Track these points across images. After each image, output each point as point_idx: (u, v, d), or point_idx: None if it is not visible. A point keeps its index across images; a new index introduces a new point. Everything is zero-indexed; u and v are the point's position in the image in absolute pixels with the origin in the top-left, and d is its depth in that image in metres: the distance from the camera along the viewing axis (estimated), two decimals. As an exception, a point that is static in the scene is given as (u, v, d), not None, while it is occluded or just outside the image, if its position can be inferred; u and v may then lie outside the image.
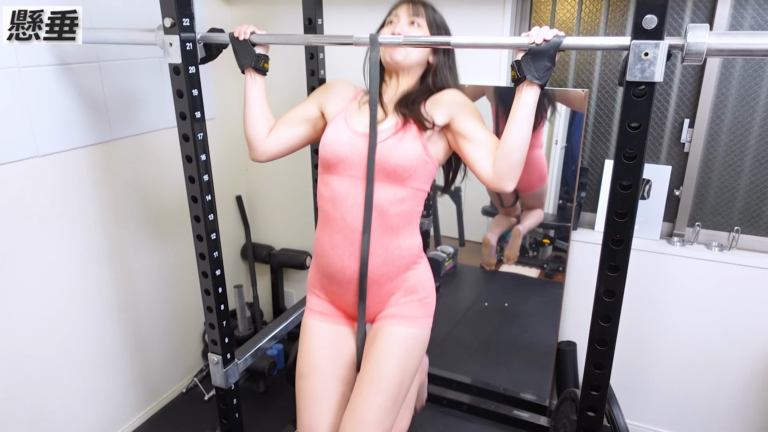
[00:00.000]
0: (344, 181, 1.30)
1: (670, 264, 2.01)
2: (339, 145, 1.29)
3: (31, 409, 1.85)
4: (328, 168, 1.33)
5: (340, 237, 1.32)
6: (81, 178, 1.90)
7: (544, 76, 1.15)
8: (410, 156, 1.26)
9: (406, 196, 1.30)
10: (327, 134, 1.34)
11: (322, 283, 1.43)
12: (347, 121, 1.33)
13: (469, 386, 2.36)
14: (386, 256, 1.32)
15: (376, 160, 1.26)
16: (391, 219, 1.29)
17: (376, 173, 1.27)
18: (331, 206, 1.32)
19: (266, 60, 1.45)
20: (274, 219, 2.77)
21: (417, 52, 1.34)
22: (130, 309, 2.18)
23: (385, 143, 1.27)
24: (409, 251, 1.35)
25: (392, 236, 1.31)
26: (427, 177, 1.33)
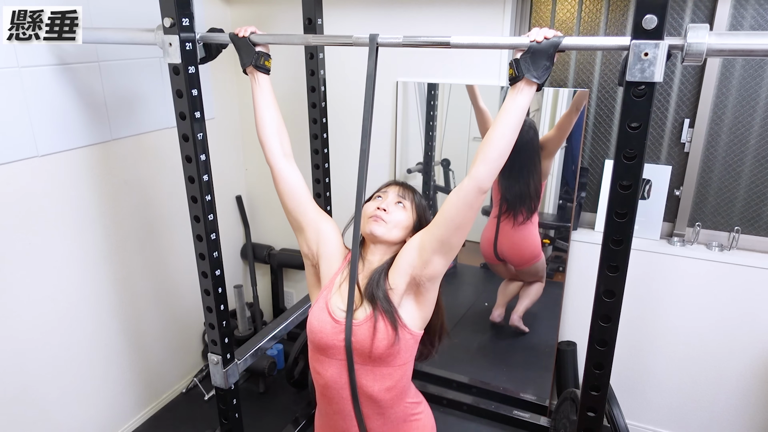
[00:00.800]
0: (333, 364, 1.31)
1: (670, 264, 2.01)
2: (324, 335, 1.31)
3: (31, 409, 1.85)
4: (317, 349, 1.35)
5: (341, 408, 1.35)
6: (81, 178, 1.90)
7: (543, 76, 1.15)
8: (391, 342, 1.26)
9: (396, 378, 1.31)
10: (312, 321, 1.34)
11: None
12: (328, 306, 1.33)
13: (469, 386, 2.36)
14: (385, 421, 1.35)
15: (359, 348, 1.28)
16: (385, 402, 1.32)
17: (362, 358, 1.29)
18: (325, 389, 1.35)
19: (267, 58, 1.45)
20: (274, 219, 2.77)
21: (396, 231, 1.34)
22: (129, 309, 2.18)
23: (364, 333, 1.27)
24: (404, 410, 1.37)
25: (388, 410, 1.34)
26: (411, 350, 1.33)
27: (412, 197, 1.40)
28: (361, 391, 1.31)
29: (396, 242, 1.36)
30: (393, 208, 1.35)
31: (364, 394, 1.31)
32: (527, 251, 2.17)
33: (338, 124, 2.30)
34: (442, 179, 2.29)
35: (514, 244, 2.18)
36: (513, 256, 2.21)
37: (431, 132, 2.26)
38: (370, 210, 1.36)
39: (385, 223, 1.33)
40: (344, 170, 2.40)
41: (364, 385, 1.30)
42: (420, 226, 1.37)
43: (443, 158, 2.26)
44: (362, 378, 1.30)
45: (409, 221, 1.37)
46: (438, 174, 2.30)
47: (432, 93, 2.21)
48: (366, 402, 1.32)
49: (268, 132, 1.44)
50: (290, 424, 2.22)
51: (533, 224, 2.13)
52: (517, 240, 2.16)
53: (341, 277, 1.37)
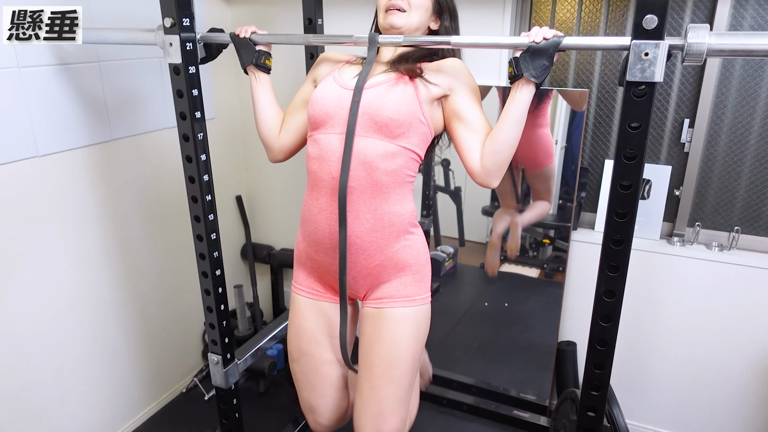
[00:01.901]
0: (332, 137, 1.22)
1: (670, 264, 2.01)
2: (327, 101, 1.23)
3: (31, 409, 1.85)
4: (316, 125, 1.27)
5: (327, 199, 1.24)
6: (81, 178, 1.90)
7: (542, 75, 1.15)
8: (404, 110, 1.19)
9: (396, 152, 1.21)
10: (315, 92, 1.29)
11: (308, 254, 1.35)
12: (336, 79, 1.28)
13: (469, 386, 2.37)
14: (375, 222, 1.23)
15: (366, 112, 1.19)
16: (380, 176, 1.21)
17: (365, 127, 1.20)
18: (318, 165, 1.25)
19: (268, 57, 1.45)
20: (274, 219, 2.77)
21: (418, 18, 1.27)
22: (130, 309, 2.18)
23: (377, 92, 1.20)
24: (399, 218, 1.25)
25: (382, 198, 1.23)
26: (420, 139, 1.24)
27: None
28: (356, 157, 1.20)
29: (418, 28, 1.28)
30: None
31: (359, 161, 1.20)
32: (540, 151, 2.06)
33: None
34: (442, 179, 2.30)
35: (527, 144, 2.06)
36: (526, 156, 2.09)
37: (431, 132, 2.26)
38: (384, 2, 1.28)
39: (403, 11, 1.25)
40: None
41: (362, 149, 1.20)
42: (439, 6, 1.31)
43: (443, 158, 2.26)
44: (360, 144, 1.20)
45: (428, 2, 1.29)
46: (438, 174, 2.30)
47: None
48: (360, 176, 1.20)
49: (272, 129, 1.44)
50: (290, 424, 2.22)
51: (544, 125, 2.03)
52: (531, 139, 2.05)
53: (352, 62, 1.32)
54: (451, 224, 2.33)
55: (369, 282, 1.31)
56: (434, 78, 1.25)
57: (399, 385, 1.28)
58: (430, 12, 1.31)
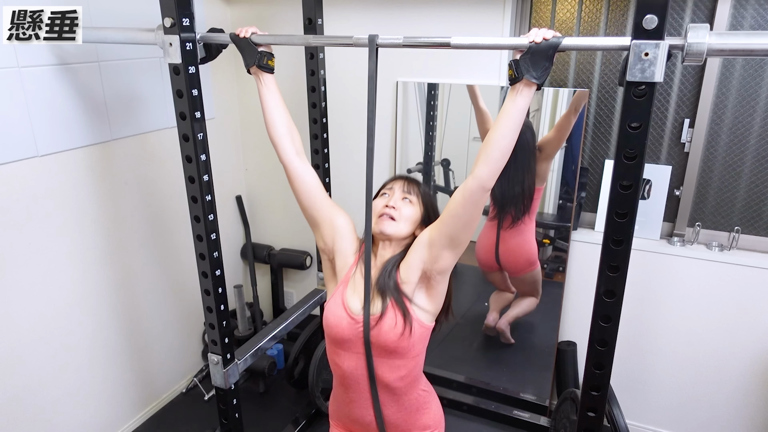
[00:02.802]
0: (351, 356, 1.36)
1: (670, 264, 2.01)
2: (341, 330, 1.34)
3: (31, 409, 1.85)
4: (334, 343, 1.39)
5: (358, 396, 1.40)
6: (81, 178, 1.90)
7: (542, 76, 1.15)
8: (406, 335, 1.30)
9: (410, 367, 1.36)
10: (328, 316, 1.38)
11: (346, 422, 1.49)
12: (344, 302, 1.36)
13: (469, 386, 2.37)
14: (400, 406, 1.40)
15: (375, 342, 1.31)
16: (399, 390, 1.37)
17: (378, 351, 1.32)
18: (344, 379, 1.40)
19: (270, 57, 1.44)
20: (274, 219, 2.77)
21: (406, 228, 1.37)
22: (130, 309, 2.18)
23: (380, 329, 1.30)
24: (417, 399, 1.42)
25: (402, 396, 1.39)
26: (424, 341, 1.38)
27: (418, 190, 1.42)
28: (377, 380, 1.35)
29: (406, 236, 1.38)
30: (400, 204, 1.38)
31: (380, 383, 1.35)
32: (523, 257, 2.17)
33: (338, 124, 2.31)
34: (442, 179, 2.29)
35: (510, 250, 2.18)
36: (510, 261, 2.21)
37: (431, 132, 2.26)
38: (379, 208, 1.38)
39: (394, 220, 1.35)
40: (344, 170, 2.40)
41: (380, 375, 1.34)
42: (428, 217, 1.40)
43: (443, 158, 2.26)
44: (378, 368, 1.34)
45: (417, 214, 1.39)
46: (438, 174, 2.30)
47: (432, 93, 2.21)
48: (382, 390, 1.36)
49: (280, 131, 1.44)
50: (290, 424, 2.22)
51: (530, 231, 2.12)
52: (514, 246, 2.16)
53: (355, 271, 1.40)
54: (451, 224, 2.33)
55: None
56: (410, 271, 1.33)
57: None
58: (418, 223, 1.40)
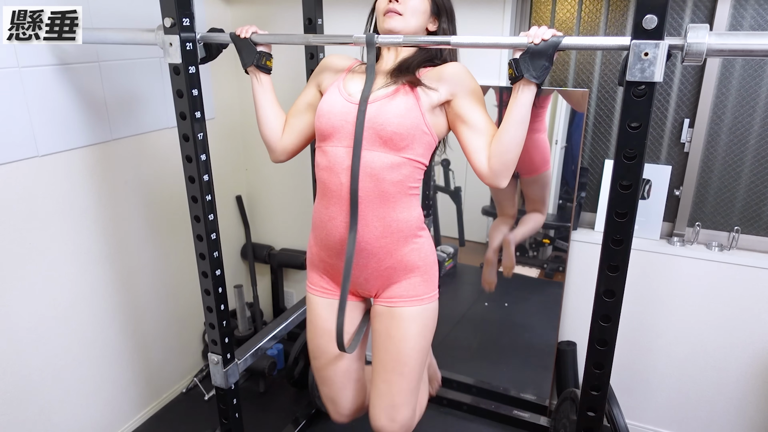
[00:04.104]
0: (340, 149, 1.27)
1: (670, 264, 2.02)
2: (333, 115, 1.27)
3: (31, 409, 1.85)
4: (323, 138, 1.31)
5: (337, 208, 1.30)
6: (81, 178, 1.90)
7: (542, 76, 1.15)
8: (407, 123, 1.22)
9: (401, 163, 1.26)
10: (321, 105, 1.32)
11: (320, 257, 1.41)
12: (340, 90, 1.30)
13: (469, 386, 2.37)
14: (384, 228, 1.29)
15: (371, 127, 1.23)
16: (387, 186, 1.26)
17: (371, 141, 1.24)
18: (327, 174, 1.30)
19: (269, 58, 1.45)
20: (274, 219, 2.77)
21: (415, 21, 1.29)
22: (130, 309, 2.18)
23: (381, 106, 1.23)
24: (407, 224, 1.31)
25: (389, 207, 1.28)
26: (424, 149, 1.29)
27: None
28: (363, 169, 1.25)
29: (416, 31, 1.31)
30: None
31: (366, 173, 1.25)
32: (538, 155, 2.06)
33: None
34: (442, 179, 2.30)
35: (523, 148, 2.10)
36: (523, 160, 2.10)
37: (431, 132, 2.26)
38: (382, 6, 1.31)
39: (401, 14, 1.28)
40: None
41: (368, 162, 1.24)
42: (437, 8, 1.33)
43: (443, 158, 2.26)
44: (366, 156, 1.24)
45: (425, 5, 1.32)
46: (438, 174, 2.30)
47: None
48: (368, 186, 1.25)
49: (273, 131, 1.45)
50: (290, 424, 2.22)
51: (542, 131, 2.03)
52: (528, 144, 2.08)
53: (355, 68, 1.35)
54: (451, 224, 2.33)
55: (380, 283, 1.37)
56: (435, 84, 1.28)
57: (409, 378, 1.38)
58: (428, 14, 1.33)
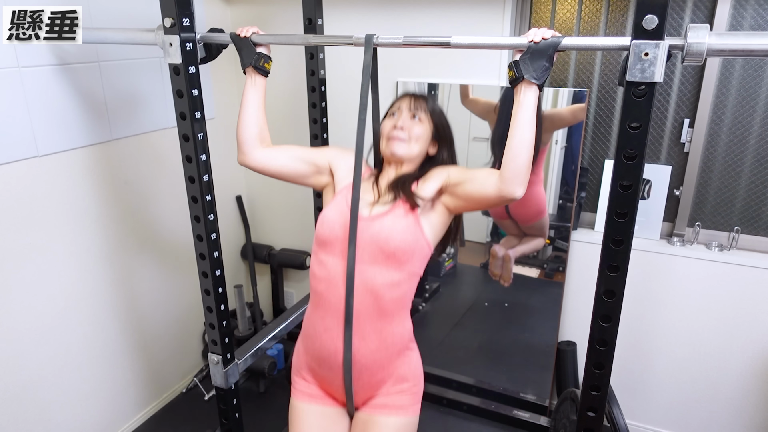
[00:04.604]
0: (340, 261, 1.28)
1: (670, 264, 2.01)
2: (338, 225, 1.28)
3: (31, 409, 1.85)
4: (324, 245, 1.31)
5: (334, 321, 1.29)
6: (81, 178, 1.90)
7: (542, 76, 1.15)
8: (409, 239, 1.26)
9: (402, 280, 1.28)
10: (327, 212, 1.32)
11: (310, 366, 1.40)
12: (348, 200, 1.31)
13: (469, 386, 2.36)
14: (380, 342, 1.30)
15: (374, 242, 1.25)
16: (387, 303, 1.27)
17: (373, 256, 1.25)
18: (325, 287, 1.30)
19: (267, 60, 1.45)
20: (274, 219, 2.77)
21: (418, 148, 1.35)
22: (130, 309, 2.18)
23: (383, 224, 1.26)
24: (401, 337, 1.33)
25: (386, 321, 1.29)
26: (422, 260, 1.32)
27: (426, 107, 1.38)
28: (364, 285, 1.25)
29: (419, 156, 1.36)
30: (409, 123, 1.35)
31: (367, 289, 1.26)
32: (532, 209, 2.14)
33: (338, 124, 2.30)
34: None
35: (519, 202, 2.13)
36: (520, 213, 2.20)
37: (431, 132, 2.26)
38: (388, 130, 1.35)
39: (404, 141, 1.32)
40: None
41: (369, 278, 1.25)
42: (438, 133, 1.38)
43: (443, 158, 2.26)
44: (367, 272, 1.25)
45: (428, 132, 1.36)
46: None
47: (432, 93, 2.21)
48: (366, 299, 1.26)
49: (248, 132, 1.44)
50: (290, 424, 2.22)
51: (538, 182, 2.09)
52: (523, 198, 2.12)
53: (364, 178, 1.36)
54: (451, 224, 2.33)
55: (368, 393, 1.36)
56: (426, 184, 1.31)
57: None
58: (429, 140, 1.37)
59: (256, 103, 1.45)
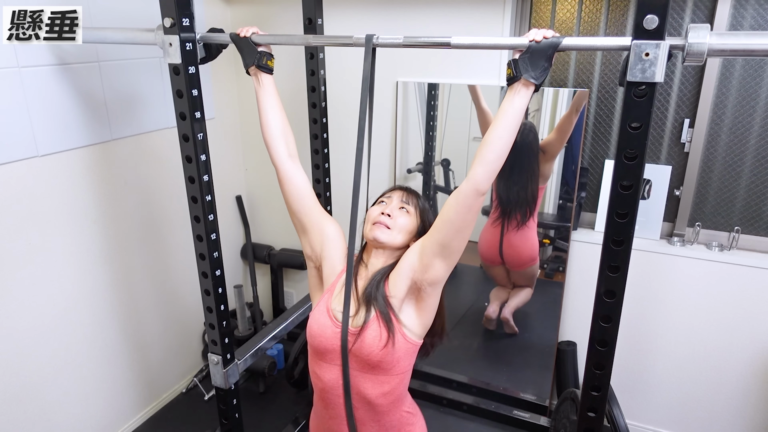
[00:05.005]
0: (332, 369, 1.31)
1: (671, 264, 2.01)
2: (324, 339, 1.30)
3: (31, 409, 1.85)
4: (316, 354, 1.35)
5: (337, 413, 1.35)
6: (81, 178, 1.90)
7: (541, 77, 1.14)
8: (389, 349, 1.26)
9: (393, 383, 1.31)
10: (312, 324, 1.34)
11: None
12: (329, 311, 1.33)
13: (469, 386, 2.37)
14: (380, 428, 1.35)
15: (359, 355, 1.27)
16: (381, 407, 1.32)
17: (361, 365, 1.28)
18: (324, 393, 1.35)
19: (270, 57, 1.44)
20: (274, 219, 2.77)
21: (401, 238, 1.34)
22: (129, 309, 2.18)
23: (364, 340, 1.26)
24: (399, 421, 1.37)
25: (383, 416, 1.34)
26: (410, 358, 1.33)
27: (416, 202, 1.40)
28: (358, 395, 1.31)
29: (400, 247, 1.36)
30: (397, 213, 1.35)
31: (361, 398, 1.31)
32: (526, 254, 2.18)
33: (338, 124, 2.30)
34: (442, 179, 2.29)
35: (514, 247, 2.19)
36: (513, 258, 2.22)
37: (431, 132, 2.26)
38: (374, 215, 1.36)
39: (389, 229, 1.33)
40: (344, 170, 2.40)
41: (362, 390, 1.30)
42: (424, 230, 1.37)
43: (443, 158, 2.26)
44: (360, 383, 1.30)
45: (413, 226, 1.37)
46: (438, 174, 2.30)
47: (432, 93, 2.21)
48: (363, 407, 1.32)
49: (274, 133, 1.42)
50: (290, 424, 2.22)
51: (532, 227, 2.13)
52: (517, 243, 2.18)
53: (343, 280, 1.36)
54: (451, 224, 2.33)
55: None
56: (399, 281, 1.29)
57: None
58: (414, 234, 1.37)
59: (270, 103, 1.43)
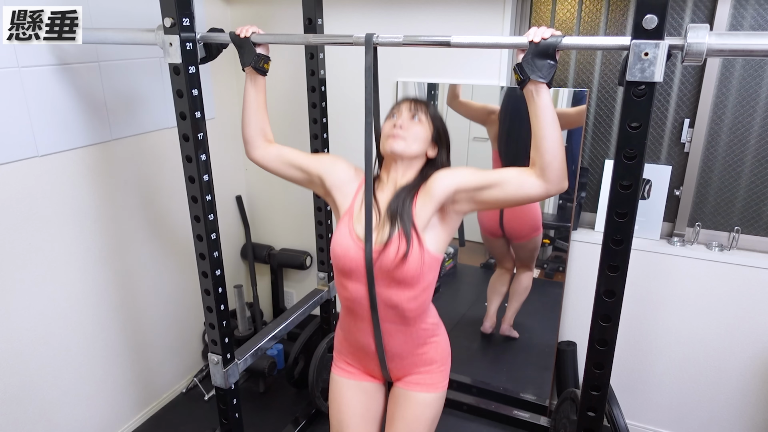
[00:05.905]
0: (359, 285, 1.36)
1: (670, 264, 2.01)
2: (349, 259, 1.34)
3: (31, 409, 1.85)
4: (343, 275, 1.39)
5: (365, 323, 1.41)
6: (81, 178, 1.90)
7: (548, 74, 1.15)
8: (413, 266, 1.30)
9: (418, 293, 1.35)
10: (335, 245, 1.37)
11: (350, 350, 1.52)
12: (351, 230, 1.36)
13: (469, 386, 2.37)
14: (406, 338, 1.41)
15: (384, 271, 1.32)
16: (408, 313, 1.37)
17: (387, 281, 1.33)
18: (351, 304, 1.41)
19: (266, 60, 1.46)
20: (274, 219, 2.77)
21: (416, 145, 1.36)
22: (130, 309, 2.18)
23: (388, 256, 1.30)
24: (425, 332, 1.43)
25: (410, 324, 1.39)
26: (434, 271, 1.37)
27: (426, 109, 1.41)
28: (386, 303, 1.35)
29: (417, 156, 1.38)
30: (409, 123, 1.37)
31: (390, 306, 1.36)
32: (528, 224, 2.17)
33: (338, 124, 2.30)
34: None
35: (515, 216, 2.19)
36: (514, 228, 2.21)
37: (431, 132, 2.26)
38: (387, 129, 1.38)
39: (404, 139, 1.35)
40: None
41: (389, 297, 1.35)
42: (438, 136, 1.40)
43: (443, 158, 2.26)
44: (387, 294, 1.34)
45: (427, 133, 1.39)
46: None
47: (432, 93, 2.21)
48: (390, 315, 1.37)
49: (252, 131, 1.51)
50: (290, 424, 2.22)
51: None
52: (518, 212, 2.17)
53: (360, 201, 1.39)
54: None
55: (402, 372, 1.48)
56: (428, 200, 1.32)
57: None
58: (429, 141, 1.39)
59: (257, 101, 1.50)
